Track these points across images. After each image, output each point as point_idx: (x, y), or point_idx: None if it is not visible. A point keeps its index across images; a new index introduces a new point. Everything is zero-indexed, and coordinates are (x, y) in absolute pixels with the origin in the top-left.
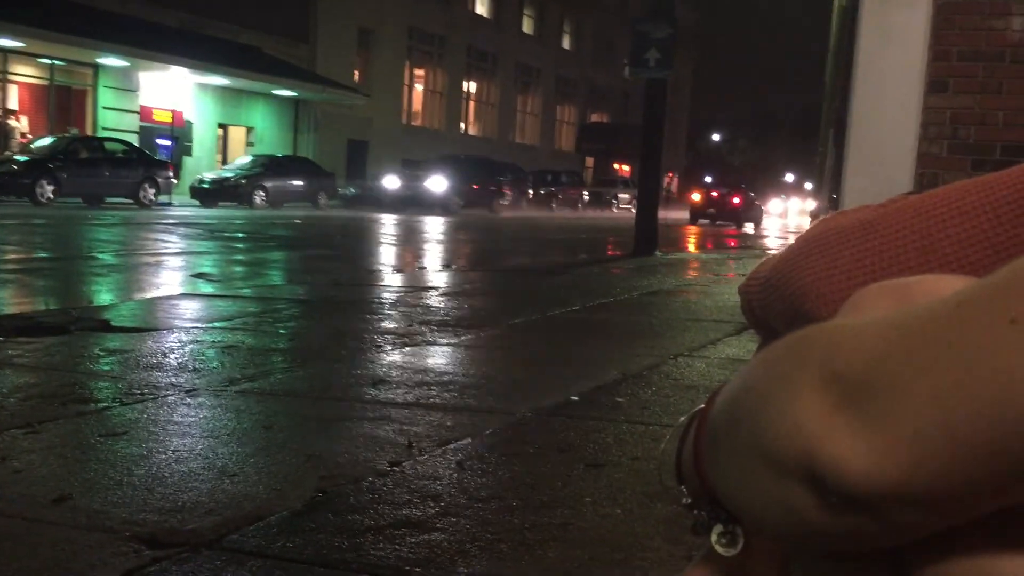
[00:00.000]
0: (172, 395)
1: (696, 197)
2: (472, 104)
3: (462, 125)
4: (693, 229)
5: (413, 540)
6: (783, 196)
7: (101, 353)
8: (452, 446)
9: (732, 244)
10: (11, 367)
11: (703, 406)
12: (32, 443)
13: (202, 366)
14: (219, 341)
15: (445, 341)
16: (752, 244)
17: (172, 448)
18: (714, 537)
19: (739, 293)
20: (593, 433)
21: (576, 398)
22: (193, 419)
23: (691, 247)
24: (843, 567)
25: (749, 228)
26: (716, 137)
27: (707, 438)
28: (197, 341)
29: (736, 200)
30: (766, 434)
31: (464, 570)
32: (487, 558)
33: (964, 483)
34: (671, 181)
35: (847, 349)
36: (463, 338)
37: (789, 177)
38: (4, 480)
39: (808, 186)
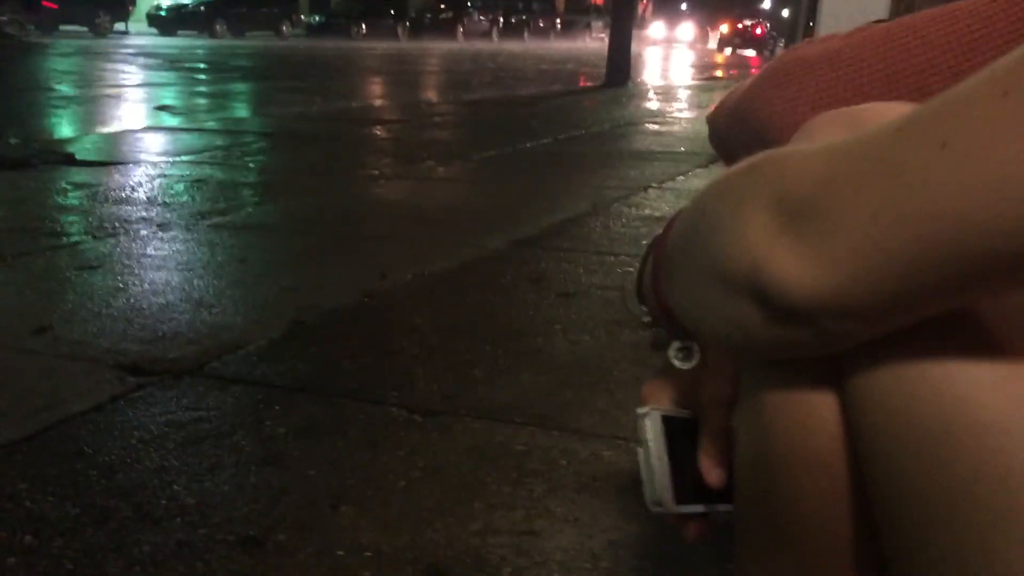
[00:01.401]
0: (144, 229)
1: (724, 29)
2: None
3: None
4: (661, 56)
5: (389, 367)
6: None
7: (68, 187)
8: (425, 277)
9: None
10: None
11: (661, 231)
12: (7, 276)
13: (172, 200)
14: (187, 175)
15: (416, 175)
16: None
17: (148, 281)
18: (672, 352)
19: (707, 123)
20: (564, 264)
21: (547, 230)
22: (167, 253)
23: (664, 78)
24: (785, 375)
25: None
26: None
27: (665, 260)
28: (165, 175)
29: (759, 31)
30: (718, 254)
31: (439, 394)
32: (461, 383)
33: (893, 295)
34: (645, 8)
35: (794, 173)
36: (434, 172)
37: (766, 3)
38: None
39: (785, 13)
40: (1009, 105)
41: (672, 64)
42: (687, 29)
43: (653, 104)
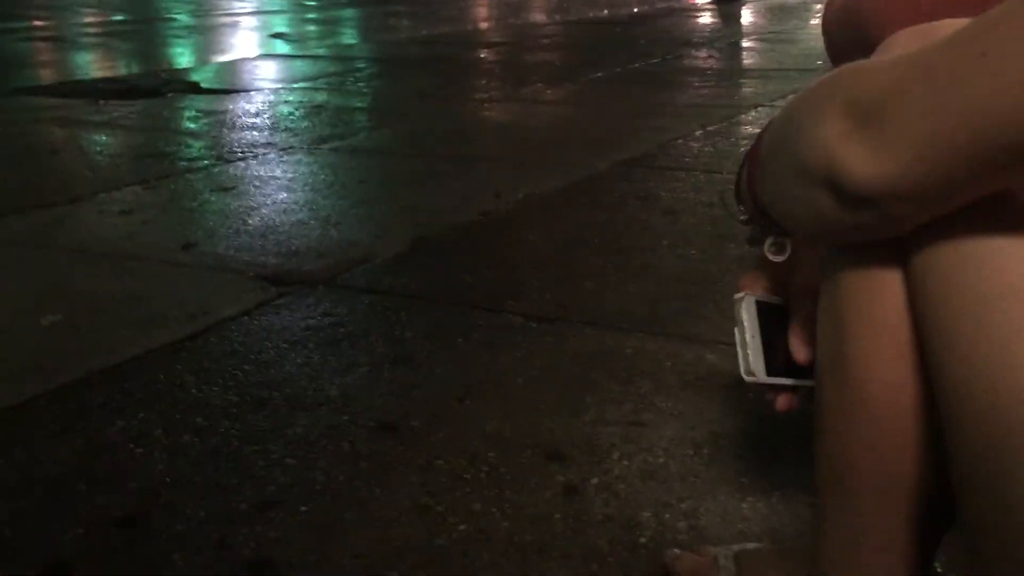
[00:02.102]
0: (270, 153)
1: None
2: None
3: None
4: None
5: (506, 279)
6: None
7: (197, 114)
8: (538, 196)
9: None
10: (119, 127)
11: (757, 139)
12: (152, 197)
13: (292, 126)
14: (304, 101)
15: (524, 97)
16: None
17: (278, 201)
18: (766, 246)
19: (822, 32)
20: (671, 183)
21: (654, 149)
22: (293, 175)
23: None
24: (858, 256)
25: None
26: None
27: (758, 162)
28: (284, 101)
29: None
30: (800, 152)
31: (552, 303)
32: (573, 293)
33: (944, 180)
34: None
35: (864, 81)
36: (542, 94)
37: None
38: (135, 230)
39: None
40: None
41: None
42: None
43: (765, 20)
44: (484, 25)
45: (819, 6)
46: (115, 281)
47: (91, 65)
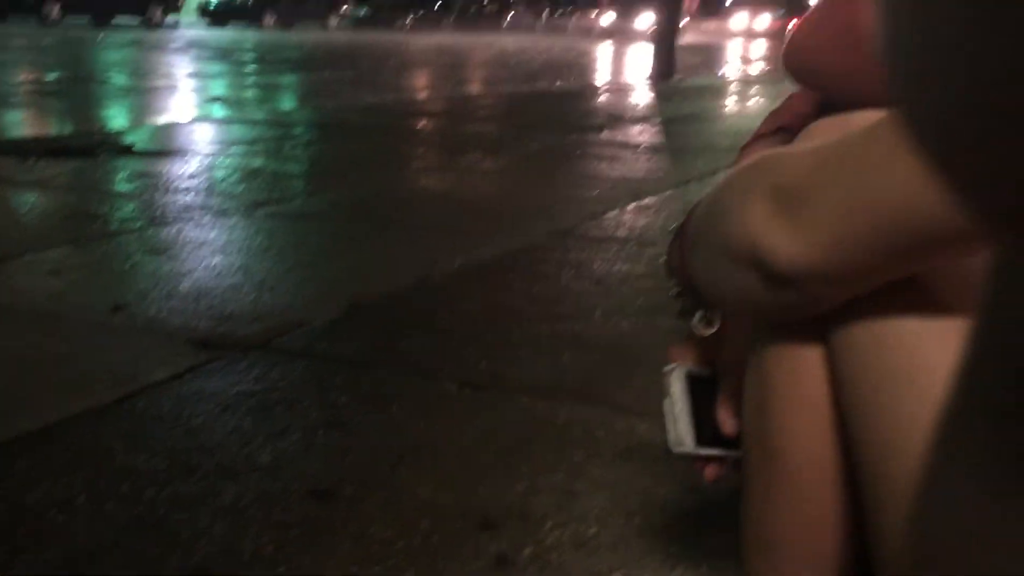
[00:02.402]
0: (205, 216)
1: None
2: None
3: None
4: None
5: (441, 346)
6: None
7: (130, 176)
8: (474, 264)
9: None
10: (50, 187)
11: (687, 216)
12: (82, 258)
13: (229, 189)
14: (242, 165)
15: (462, 166)
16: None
17: (213, 264)
18: (695, 319)
19: (783, 62)
20: (604, 253)
21: (588, 220)
22: (228, 239)
23: (710, 71)
24: (782, 333)
25: None
26: None
27: (687, 239)
28: (221, 165)
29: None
30: (727, 232)
31: (488, 371)
32: (508, 361)
33: (859, 265)
34: (691, 3)
35: (788, 168)
36: (480, 163)
37: None
38: (63, 290)
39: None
40: None
41: (720, 57)
42: (740, 19)
43: (697, 99)
44: (423, 95)
45: (749, 90)
46: (41, 342)
47: (23, 124)
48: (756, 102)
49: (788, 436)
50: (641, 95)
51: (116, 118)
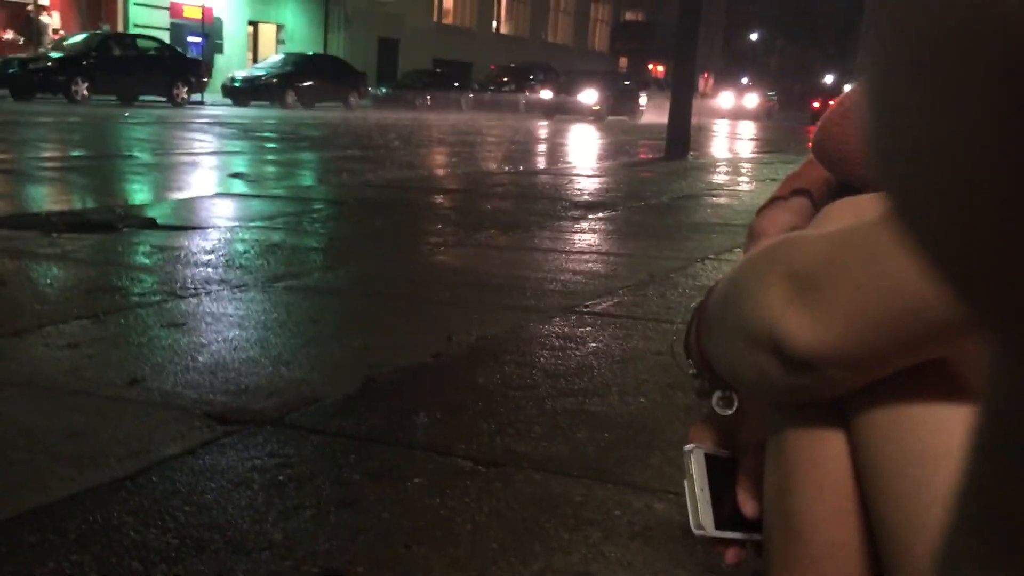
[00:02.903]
0: (223, 290)
1: (816, 104)
2: (504, 1)
3: (494, 23)
4: (727, 131)
5: (455, 422)
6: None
7: (151, 249)
8: (489, 340)
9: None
10: (70, 261)
11: (704, 297)
12: (100, 331)
13: (247, 263)
14: (261, 240)
15: (478, 242)
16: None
17: (230, 338)
18: (714, 400)
19: (812, 148)
20: (621, 330)
21: (605, 297)
22: (245, 312)
23: (724, 151)
24: (801, 417)
25: None
26: (753, 36)
27: (705, 321)
28: (240, 240)
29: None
30: (745, 316)
31: (502, 447)
32: (522, 438)
33: (875, 350)
34: (707, 82)
35: (803, 254)
36: (496, 240)
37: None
38: (80, 364)
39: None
40: None
41: (733, 137)
42: (727, 97)
43: (712, 177)
44: (439, 172)
45: (764, 168)
46: (56, 416)
47: (46, 199)
48: (770, 179)
49: (810, 519)
50: (654, 171)
51: (139, 193)
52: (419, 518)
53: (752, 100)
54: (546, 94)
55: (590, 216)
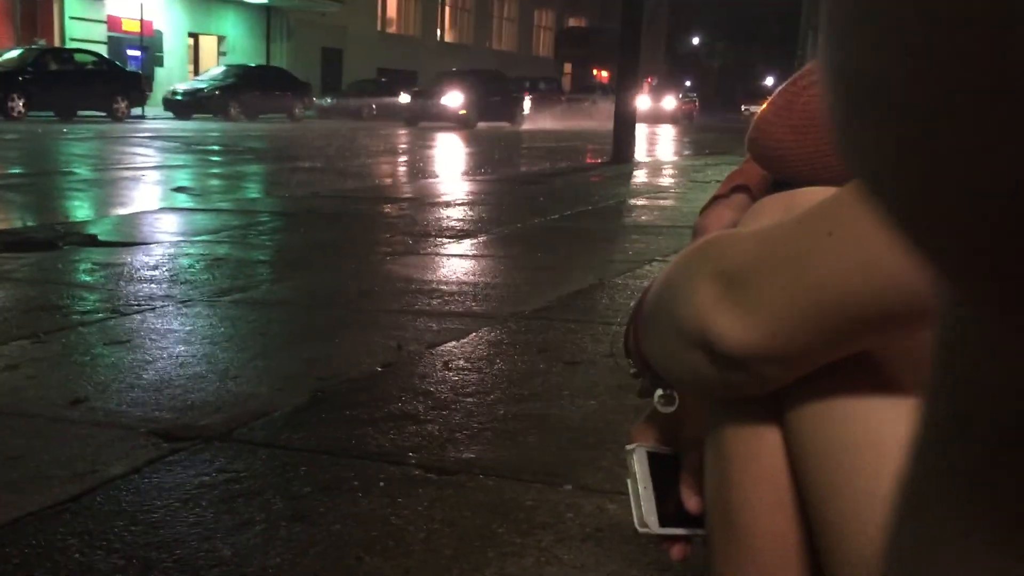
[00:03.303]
0: (168, 305)
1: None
2: (448, 9)
3: (438, 31)
4: (671, 134)
5: (406, 431)
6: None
7: (93, 267)
8: (439, 348)
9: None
10: (9, 281)
11: (641, 297)
12: (41, 351)
13: (193, 278)
14: (206, 254)
15: (426, 251)
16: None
17: (175, 354)
18: (656, 398)
19: (747, 144)
20: (570, 334)
21: (554, 302)
22: (191, 328)
23: (669, 154)
24: (737, 411)
25: None
26: (695, 40)
27: (641, 321)
28: (185, 254)
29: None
30: (676, 314)
31: (453, 454)
32: (474, 444)
33: (802, 345)
34: (650, 86)
35: (732, 252)
36: (445, 248)
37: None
38: (20, 385)
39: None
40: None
41: (675, 141)
42: (643, 100)
43: (657, 180)
44: (387, 182)
45: (708, 171)
46: None
47: None
48: (713, 180)
49: (749, 512)
50: (602, 176)
51: (79, 209)
52: (371, 529)
53: (670, 102)
54: (404, 98)
55: (537, 221)
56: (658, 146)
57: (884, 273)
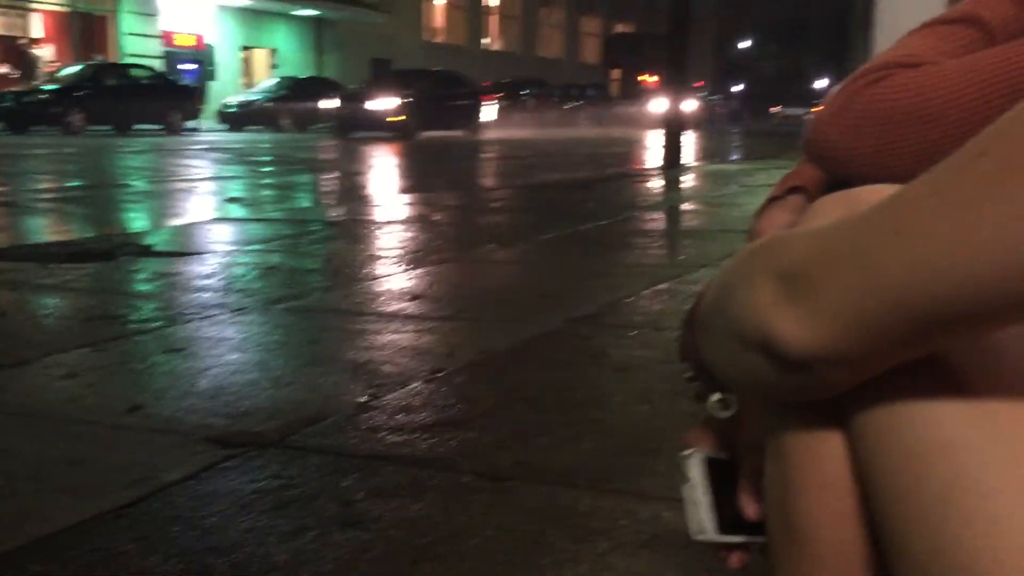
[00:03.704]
0: (222, 314)
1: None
2: (494, 18)
3: (484, 40)
4: (723, 138)
5: (458, 436)
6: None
7: (149, 276)
8: (491, 353)
9: None
10: (68, 291)
11: (696, 300)
12: (99, 360)
13: (246, 287)
14: (259, 263)
15: (478, 257)
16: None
17: (230, 361)
18: (712, 403)
19: (807, 139)
20: (621, 340)
21: (605, 307)
22: (245, 335)
23: (718, 159)
24: (799, 416)
25: None
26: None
27: (698, 323)
28: (237, 263)
29: None
30: (735, 317)
31: (506, 460)
32: (527, 450)
33: (867, 348)
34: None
35: (792, 252)
36: (496, 254)
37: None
38: (80, 393)
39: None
40: (942, 207)
41: (730, 145)
42: (660, 103)
43: (707, 185)
44: (438, 189)
45: (758, 174)
46: (57, 446)
47: (43, 229)
48: (763, 185)
49: (812, 519)
50: (651, 182)
51: (136, 221)
52: (424, 535)
53: (691, 105)
54: (333, 103)
55: (588, 226)
56: (717, 150)
57: (954, 273)
